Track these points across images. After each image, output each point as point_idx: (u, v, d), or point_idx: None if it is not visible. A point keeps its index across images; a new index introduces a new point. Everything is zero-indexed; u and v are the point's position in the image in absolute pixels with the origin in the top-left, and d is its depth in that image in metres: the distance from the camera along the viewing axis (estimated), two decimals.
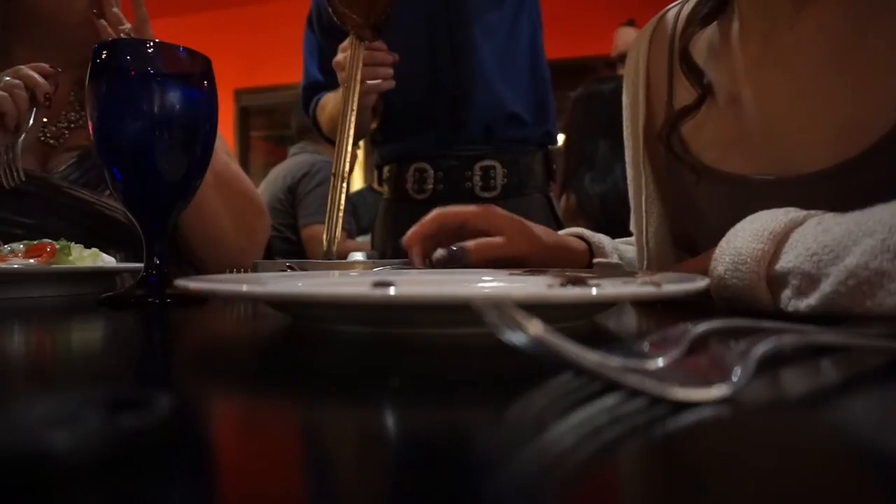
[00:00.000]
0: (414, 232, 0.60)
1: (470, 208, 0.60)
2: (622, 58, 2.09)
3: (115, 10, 0.81)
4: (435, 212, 0.60)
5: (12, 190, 0.83)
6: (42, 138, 0.89)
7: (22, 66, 0.78)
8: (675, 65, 0.64)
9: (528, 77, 1.21)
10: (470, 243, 0.56)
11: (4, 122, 0.76)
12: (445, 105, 1.15)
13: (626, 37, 2.14)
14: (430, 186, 1.18)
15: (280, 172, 2.17)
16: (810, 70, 0.54)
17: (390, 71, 1.02)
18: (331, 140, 1.16)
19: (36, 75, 0.78)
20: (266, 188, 2.18)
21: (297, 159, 2.18)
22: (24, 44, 0.91)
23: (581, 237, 0.67)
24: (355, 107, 0.74)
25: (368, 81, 0.98)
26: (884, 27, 0.51)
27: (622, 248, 0.71)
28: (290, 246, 2.07)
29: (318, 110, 1.22)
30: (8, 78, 0.77)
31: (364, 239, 2.34)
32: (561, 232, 0.68)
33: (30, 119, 0.77)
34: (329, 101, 1.17)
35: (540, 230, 0.61)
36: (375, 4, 0.72)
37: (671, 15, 0.70)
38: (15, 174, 0.76)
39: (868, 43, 0.51)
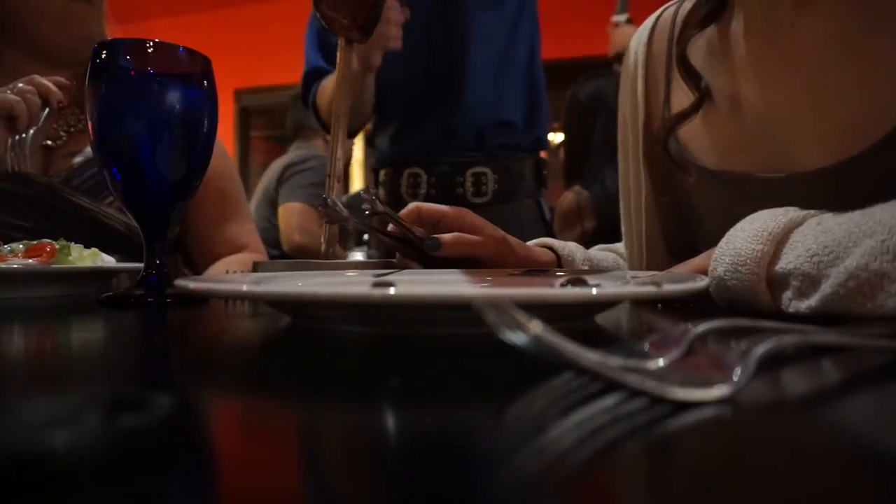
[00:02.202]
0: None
1: (449, 209, 0.61)
2: (619, 57, 2.09)
3: None
4: (413, 204, 0.61)
5: (12, 192, 0.83)
6: (42, 141, 0.90)
7: (37, 76, 0.81)
8: (673, 65, 0.64)
9: (523, 83, 1.22)
10: (447, 236, 0.57)
11: (16, 125, 0.78)
12: (440, 111, 1.17)
13: (621, 35, 2.14)
14: (424, 191, 1.20)
15: (274, 166, 2.21)
16: (812, 68, 0.54)
17: (399, 31, 1.03)
18: (328, 127, 1.17)
19: (50, 84, 0.80)
20: (262, 185, 2.22)
21: (292, 154, 2.23)
22: (13, 48, 0.91)
23: (550, 248, 0.66)
24: (346, 109, 0.74)
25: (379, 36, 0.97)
26: (886, 25, 0.51)
27: (597, 257, 0.70)
28: (277, 234, 2.09)
29: (317, 96, 1.22)
30: (21, 84, 0.79)
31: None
32: (530, 243, 0.67)
33: (40, 119, 0.80)
34: (329, 84, 1.16)
35: (512, 241, 0.62)
36: (361, 6, 0.72)
37: (669, 14, 0.69)
38: (23, 161, 0.80)
39: (871, 41, 0.51)
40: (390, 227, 0.59)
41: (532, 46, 1.24)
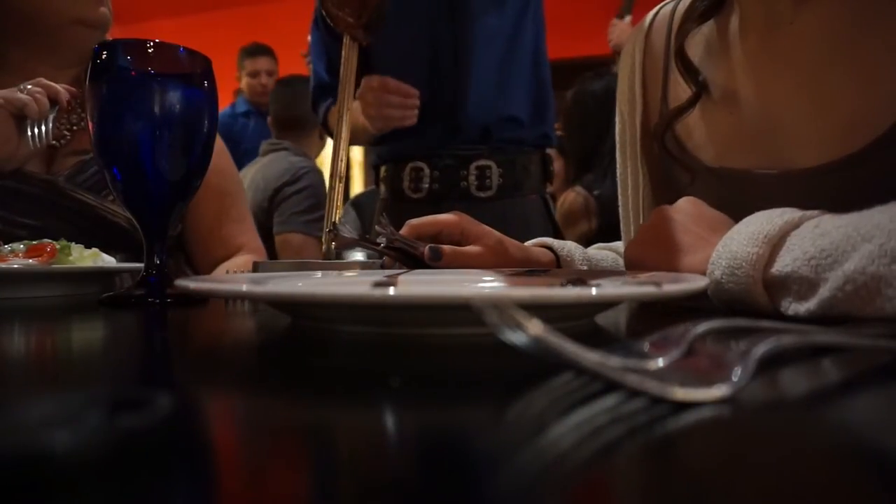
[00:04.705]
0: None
1: (445, 218, 0.61)
2: (618, 53, 2.08)
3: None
4: (408, 223, 0.61)
5: (17, 190, 0.84)
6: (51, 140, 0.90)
7: (44, 79, 0.82)
8: (671, 61, 0.64)
9: (528, 80, 1.22)
10: (447, 248, 0.58)
11: (25, 124, 0.80)
12: (443, 108, 1.17)
13: (619, 31, 2.13)
14: (426, 186, 1.18)
15: (259, 177, 2.04)
16: (810, 65, 0.54)
17: (416, 112, 1.11)
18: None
19: (57, 86, 0.82)
20: (249, 195, 2.06)
21: (277, 165, 2.05)
22: (19, 46, 0.92)
23: (549, 248, 0.66)
24: (350, 106, 0.74)
25: (394, 114, 1.08)
26: (885, 22, 0.51)
27: (597, 256, 0.70)
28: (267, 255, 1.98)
29: (330, 115, 1.24)
30: (30, 86, 0.81)
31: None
32: (529, 243, 0.67)
33: (50, 116, 0.81)
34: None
35: (510, 245, 0.62)
36: (365, 4, 0.73)
37: (667, 10, 0.70)
38: (44, 140, 0.81)
39: (869, 38, 0.51)
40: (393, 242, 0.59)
41: (537, 45, 1.23)
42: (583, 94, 1.79)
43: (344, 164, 0.73)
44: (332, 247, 0.65)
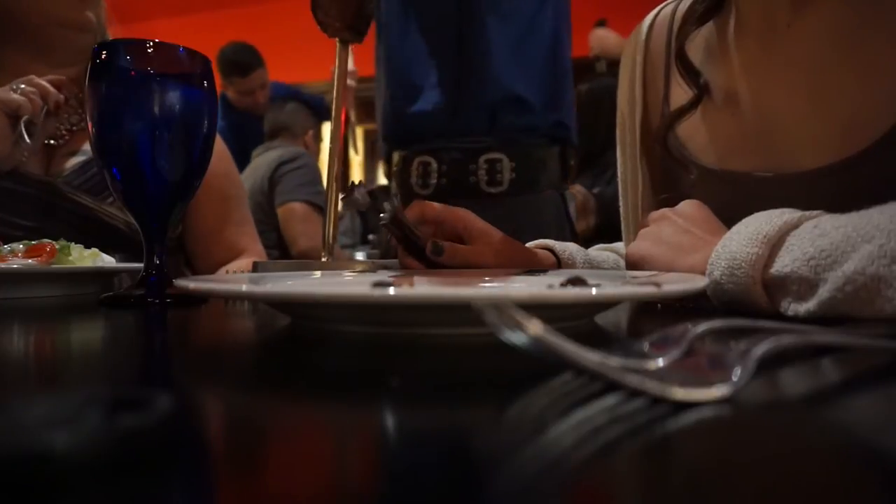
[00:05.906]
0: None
1: (452, 210, 0.61)
2: (598, 59, 2.08)
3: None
4: (417, 203, 0.61)
5: (14, 191, 0.84)
6: (44, 140, 0.90)
7: (35, 77, 0.83)
8: (672, 62, 0.64)
9: (544, 64, 1.16)
10: (448, 244, 0.57)
11: (20, 123, 0.81)
12: (447, 84, 1.12)
13: (598, 38, 2.14)
14: (434, 181, 1.15)
15: (256, 171, 2.09)
16: (810, 67, 0.54)
17: None
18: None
19: (48, 86, 0.83)
20: (247, 185, 2.10)
21: (273, 154, 2.10)
22: (12, 48, 0.92)
23: (551, 250, 0.66)
24: (343, 107, 0.75)
25: None
26: (885, 25, 0.51)
27: (598, 258, 0.70)
28: (272, 235, 2.00)
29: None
30: (23, 86, 0.82)
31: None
32: (530, 244, 0.67)
33: (42, 117, 0.83)
34: None
35: (512, 245, 0.61)
36: (346, 6, 0.73)
37: (667, 11, 0.70)
38: (33, 152, 0.84)
39: (869, 41, 0.51)
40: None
41: (557, 34, 1.18)
42: (598, 90, 1.76)
43: (339, 166, 0.73)
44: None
